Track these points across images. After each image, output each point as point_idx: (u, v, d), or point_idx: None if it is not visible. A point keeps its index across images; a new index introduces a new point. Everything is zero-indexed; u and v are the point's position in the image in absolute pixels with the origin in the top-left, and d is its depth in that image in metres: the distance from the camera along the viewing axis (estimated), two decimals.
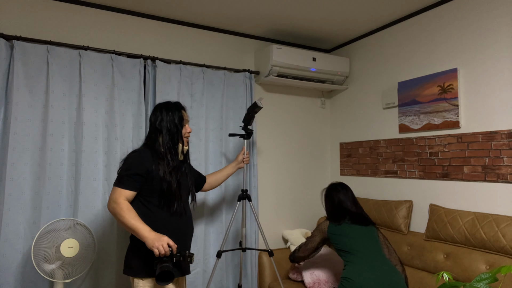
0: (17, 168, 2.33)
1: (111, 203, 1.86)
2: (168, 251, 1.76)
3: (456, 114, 2.56)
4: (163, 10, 2.84)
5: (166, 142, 1.97)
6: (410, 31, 2.94)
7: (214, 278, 2.97)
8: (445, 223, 2.45)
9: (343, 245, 2.26)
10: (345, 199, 2.44)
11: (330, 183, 2.55)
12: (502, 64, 2.35)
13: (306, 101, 3.68)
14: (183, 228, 1.99)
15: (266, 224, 3.38)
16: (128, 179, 1.87)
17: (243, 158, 2.65)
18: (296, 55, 3.21)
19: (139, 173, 1.88)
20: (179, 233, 1.96)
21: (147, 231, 1.78)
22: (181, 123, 2.02)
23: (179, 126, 2.02)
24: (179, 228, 1.97)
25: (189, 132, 2.07)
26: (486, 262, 2.21)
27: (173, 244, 1.78)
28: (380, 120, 3.19)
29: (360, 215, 2.37)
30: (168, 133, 1.98)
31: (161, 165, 1.92)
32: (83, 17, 2.68)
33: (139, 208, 1.91)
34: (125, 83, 2.71)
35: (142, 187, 1.91)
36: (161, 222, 1.91)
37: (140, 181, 1.89)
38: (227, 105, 3.13)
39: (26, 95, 2.38)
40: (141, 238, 1.78)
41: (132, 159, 1.91)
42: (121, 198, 1.85)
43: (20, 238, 2.32)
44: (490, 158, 2.39)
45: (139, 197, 1.93)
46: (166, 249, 1.75)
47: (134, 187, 1.88)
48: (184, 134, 2.05)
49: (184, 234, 2.00)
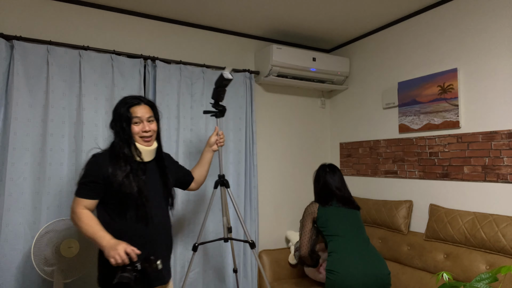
0: (17, 168, 2.33)
1: (71, 213, 1.77)
2: (125, 259, 1.58)
3: (456, 114, 2.56)
4: (163, 10, 2.84)
5: (117, 143, 1.81)
6: (410, 31, 2.94)
7: (214, 278, 2.96)
8: (445, 223, 2.45)
9: (327, 229, 2.26)
10: (331, 181, 2.41)
11: (320, 164, 2.53)
12: (502, 64, 2.35)
13: (306, 101, 3.68)
14: (150, 236, 1.80)
15: (266, 224, 3.38)
16: (85, 187, 1.76)
17: (216, 139, 2.34)
18: (296, 55, 3.20)
19: (95, 180, 1.75)
20: (144, 242, 1.77)
21: (105, 240, 1.64)
22: (128, 122, 1.80)
23: (126, 126, 1.80)
24: (145, 236, 1.78)
25: (145, 131, 1.82)
26: (486, 262, 2.21)
27: (132, 251, 1.60)
28: (380, 120, 3.19)
29: (346, 198, 2.36)
30: (117, 135, 1.82)
31: (117, 168, 1.76)
32: (83, 17, 2.68)
33: (102, 216, 1.79)
34: (125, 83, 2.71)
35: (104, 193, 1.78)
36: (123, 231, 1.76)
37: (97, 188, 1.76)
38: (227, 105, 3.13)
39: (26, 95, 2.38)
40: (100, 247, 1.66)
41: (89, 165, 1.79)
42: (79, 207, 1.74)
43: (20, 238, 2.32)
44: (490, 158, 2.39)
45: (101, 205, 1.80)
46: (123, 257, 1.57)
47: (91, 195, 1.76)
48: (138, 134, 1.82)
49: (151, 242, 1.80)
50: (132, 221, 1.77)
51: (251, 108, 3.21)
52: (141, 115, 1.82)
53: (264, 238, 3.35)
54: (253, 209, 3.15)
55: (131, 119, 1.80)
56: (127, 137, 1.80)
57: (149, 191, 1.83)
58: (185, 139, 2.90)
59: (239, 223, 3.10)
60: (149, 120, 1.85)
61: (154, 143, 1.89)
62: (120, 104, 1.84)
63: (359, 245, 2.18)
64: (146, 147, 1.84)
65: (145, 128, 1.82)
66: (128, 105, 1.82)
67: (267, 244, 3.36)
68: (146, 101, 1.88)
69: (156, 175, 1.89)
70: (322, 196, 2.40)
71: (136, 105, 1.83)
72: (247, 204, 3.15)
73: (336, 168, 2.47)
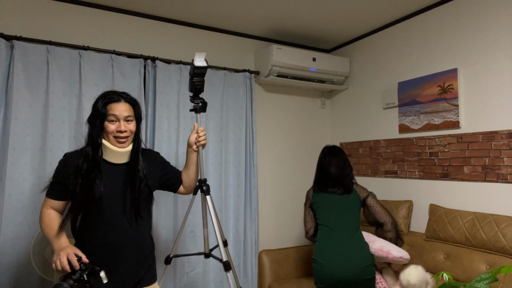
0: (17, 168, 2.33)
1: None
2: (65, 266, 1.46)
3: (456, 114, 2.56)
4: (163, 10, 2.84)
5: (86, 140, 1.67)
6: (410, 31, 2.94)
7: (214, 278, 2.96)
8: (445, 223, 2.45)
9: (318, 217, 2.34)
10: (328, 164, 2.39)
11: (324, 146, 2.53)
12: (502, 64, 2.35)
13: (306, 101, 3.68)
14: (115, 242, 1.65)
15: (266, 224, 3.38)
16: (52, 188, 1.68)
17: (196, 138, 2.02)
18: (296, 55, 3.20)
19: (60, 180, 1.66)
20: (107, 249, 1.64)
21: (57, 244, 1.55)
22: (102, 119, 1.65)
23: (99, 123, 1.65)
24: (108, 243, 1.64)
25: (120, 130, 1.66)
26: (486, 262, 2.21)
27: (73, 258, 1.47)
28: (380, 120, 3.19)
29: (339, 182, 2.35)
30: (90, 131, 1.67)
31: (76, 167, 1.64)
32: (83, 17, 2.68)
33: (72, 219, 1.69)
34: (125, 83, 2.71)
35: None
36: (86, 238, 1.66)
37: (63, 189, 1.66)
38: (227, 105, 3.13)
39: (26, 95, 2.38)
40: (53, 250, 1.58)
41: (58, 165, 1.70)
42: (45, 207, 1.68)
43: (20, 238, 2.32)
44: (490, 158, 2.39)
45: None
46: (63, 263, 1.46)
47: (57, 195, 1.67)
48: (112, 133, 1.66)
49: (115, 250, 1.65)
50: (92, 229, 1.65)
51: (251, 108, 3.21)
52: (118, 113, 1.66)
53: (264, 238, 3.35)
54: (253, 209, 3.15)
55: (106, 116, 1.65)
56: (96, 135, 1.65)
57: (112, 196, 1.66)
58: (185, 139, 2.90)
59: (241, 225, 3.10)
60: (127, 120, 1.69)
61: (129, 145, 1.72)
62: (99, 99, 1.68)
63: (342, 236, 2.22)
64: (117, 148, 1.68)
65: (121, 127, 1.66)
66: (106, 101, 1.67)
67: (267, 244, 3.36)
68: (127, 98, 1.72)
69: (127, 179, 1.71)
70: (317, 180, 2.43)
71: (115, 102, 1.68)
72: (247, 204, 3.15)
73: (337, 151, 2.42)
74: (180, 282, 2.80)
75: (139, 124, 1.76)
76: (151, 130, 2.80)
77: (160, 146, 2.79)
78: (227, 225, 3.07)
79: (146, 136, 2.76)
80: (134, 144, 1.74)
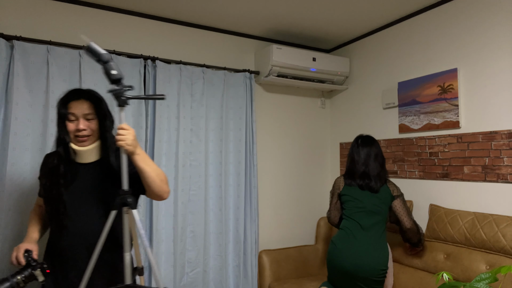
0: (17, 168, 2.33)
1: None
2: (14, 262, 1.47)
3: (456, 114, 2.56)
4: (163, 10, 2.84)
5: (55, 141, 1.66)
6: (410, 31, 2.94)
7: (214, 278, 2.96)
8: (445, 223, 2.45)
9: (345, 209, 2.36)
10: (356, 157, 2.36)
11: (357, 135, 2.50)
12: (502, 64, 2.35)
13: (306, 101, 3.68)
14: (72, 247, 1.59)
15: (266, 224, 3.38)
16: (40, 186, 1.74)
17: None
18: (296, 55, 3.21)
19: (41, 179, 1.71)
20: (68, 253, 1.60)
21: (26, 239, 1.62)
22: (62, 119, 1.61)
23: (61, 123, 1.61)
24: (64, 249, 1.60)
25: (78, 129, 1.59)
26: (486, 262, 2.21)
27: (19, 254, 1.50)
28: (380, 120, 3.19)
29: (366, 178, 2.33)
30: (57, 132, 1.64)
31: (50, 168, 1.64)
32: (83, 17, 2.68)
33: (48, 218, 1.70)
34: (125, 83, 2.70)
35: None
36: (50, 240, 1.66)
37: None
38: (227, 105, 3.13)
39: (26, 95, 2.38)
40: None
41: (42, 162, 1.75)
42: (35, 204, 1.78)
43: (21, 238, 2.31)
44: (490, 158, 2.39)
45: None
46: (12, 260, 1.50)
47: (40, 193, 1.75)
48: (73, 132, 1.61)
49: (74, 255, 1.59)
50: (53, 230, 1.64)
51: (251, 108, 3.21)
52: (77, 112, 1.60)
53: (264, 238, 3.35)
54: (253, 209, 3.15)
55: (66, 115, 1.60)
56: (61, 135, 1.61)
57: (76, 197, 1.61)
58: (185, 139, 2.90)
59: (241, 225, 3.10)
60: (87, 118, 1.62)
61: (92, 144, 1.65)
62: (60, 98, 1.64)
63: (359, 234, 2.24)
64: (78, 147, 1.62)
65: (79, 126, 1.59)
66: (66, 99, 1.62)
67: (267, 244, 3.36)
68: (87, 95, 1.64)
69: (95, 179, 1.64)
70: (347, 171, 2.44)
71: (74, 100, 1.61)
72: (247, 204, 3.15)
73: (368, 142, 2.39)
74: (180, 282, 2.80)
75: (106, 121, 1.66)
76: (151, 130, 2.80)
77: (160, 146, 2.78)
78: (227, 225, 3.07)
79: (146, 136, 2.76)
80: (102, 141, 1.67)
